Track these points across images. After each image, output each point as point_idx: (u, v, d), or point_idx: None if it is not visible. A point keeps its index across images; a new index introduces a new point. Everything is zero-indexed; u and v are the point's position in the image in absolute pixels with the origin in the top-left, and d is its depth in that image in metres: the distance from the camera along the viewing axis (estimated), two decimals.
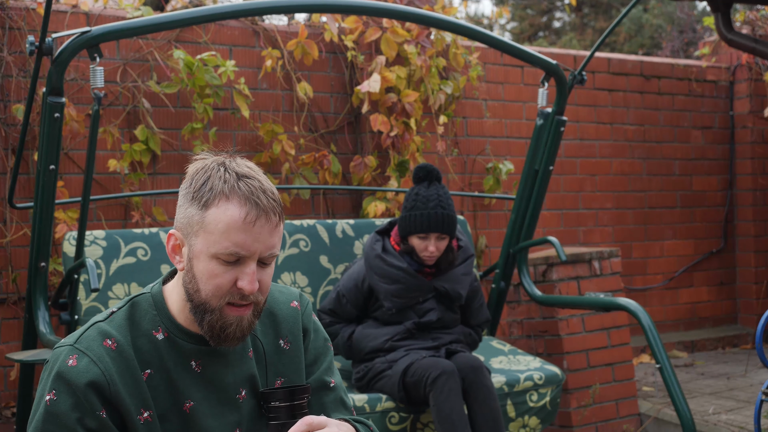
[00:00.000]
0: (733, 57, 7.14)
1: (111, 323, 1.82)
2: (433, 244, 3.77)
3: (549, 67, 4.04)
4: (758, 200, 7.06)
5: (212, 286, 1.77)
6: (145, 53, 4.74)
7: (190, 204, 1.78)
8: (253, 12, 3.53)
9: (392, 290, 3.77)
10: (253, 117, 5.03)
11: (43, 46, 3.12)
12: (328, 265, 4.16)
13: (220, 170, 1.78)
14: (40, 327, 3.48)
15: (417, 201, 3.77)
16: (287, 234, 4.12)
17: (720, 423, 4.82)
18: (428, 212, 3.73)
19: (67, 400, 1.73)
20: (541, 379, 3.95)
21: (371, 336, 3.79)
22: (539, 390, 3.94)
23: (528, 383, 3.91)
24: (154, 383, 1.80)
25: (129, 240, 3.85)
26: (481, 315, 4.01)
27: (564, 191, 6.37)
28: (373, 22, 5.16)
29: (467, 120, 5.88)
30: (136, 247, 3.84)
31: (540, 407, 3.94)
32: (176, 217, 1.83)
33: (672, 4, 14.02)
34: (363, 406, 3.56)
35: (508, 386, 3.87)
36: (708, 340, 6.77)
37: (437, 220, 3.73)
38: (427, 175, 3.83)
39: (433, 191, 3.78)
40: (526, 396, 3.90)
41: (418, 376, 3.57)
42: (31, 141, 4.43)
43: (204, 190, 1.77)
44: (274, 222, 1.78)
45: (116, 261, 3.80)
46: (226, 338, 1.81)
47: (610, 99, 6.61)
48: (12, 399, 4.39)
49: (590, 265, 5.15)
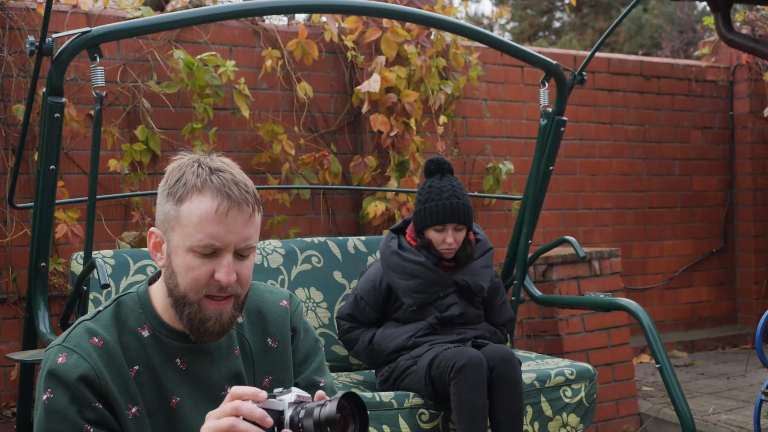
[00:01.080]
0: (733, 57, 7.14)
1: (97, 322, 1.85)
2: (450, 236, 3.66)
3: (549, 67, 4.04)
4: (758, 200, 7.06)
5: (190, 279, 1.80)
6: (145, 53, 4.75)
7: (166, 200, 1.82)
8: (253, 12, 3.53)
9: (412, 286, 3.65)
10: (253, 117, 5.03)
11: (43, 46, 3.11)
12: (343, 281, 4.08)
13: (194, 166, 1.83)
14: (40, 327, 3.47)
15: (431, 193, 3.68)
16: (299, 251, 4.06)
17: (720, 423, 4.82)
18: (443, 203, 3.65)
19: (63, 396, 1.76)
20: (573, 374, 3.82)
21: (393, 335, 3.66)
22: (572, 386, 3.81)
23: (560, 378, 3.79)
24: (142, 380, 1.83)
25: (137, 258, 3.83)
26: (505, 313, 3.88)
27: (564, 191, 6.37)
28: (373, 22, 5.16)
29: (467, 120, 5.88)
30: (145, 265, 3.83)
31: (576, 403, 3.81)
32: (156, 215, 1.87)
33: (672, 4, 14.03)
34: (390, 401, 3.42)
35: (539, 382, 3.73)
36: (708, 340, 6.77)
37: (453, 210, 3.64)
38: (438, 168, 3.75)
39: (447, 182, 3.70)
40: (559, 392, 3.78)
41: (443, 367, 3.41)
42: (31, 141, 4.43)
43: (178, 185, 1.81)
44: (247, 213, 1.81)
45: (125, 279, 3.78)
46: (205, 332, 1.83)
47: (610, 99, 6.61)
48: (12, 399, 4.39)
49: (590, 265, 5.15)
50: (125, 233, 4.63)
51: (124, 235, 4.63)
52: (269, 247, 4.08)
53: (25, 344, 3.67)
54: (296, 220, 5.18)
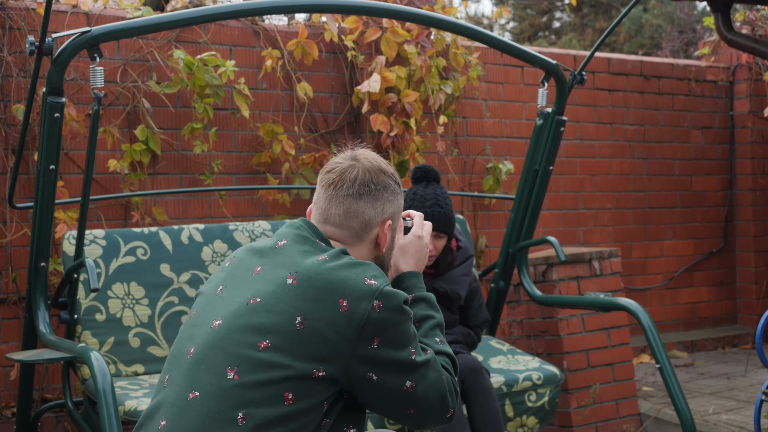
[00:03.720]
0: (733, 57, 7.14)
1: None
2: (431, 243, 3.76)
3: (549, 67, 4.04)
4: (758, 200, 7.06)
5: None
6: (145, 53, 4.74)
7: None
8: (253, 12, 3.53)
9: None
10: (253, 117, 5.03)
11: (43, 46, 3.11)
12: None
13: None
14: (40, 327, 3.48)
15: (414, 200, 3.77)
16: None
17: (720, 423, 4.82)
18: (425, 211, 3.71)
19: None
20: (540, 379, 3.94)
21: None
22: (538, 390, 3.94)
23: (526, 383, 3.91)
24: None
25: (128, 239, 3.86)
26: (481, 315, 4.00)
27: (564, 191, 6.37)
28: (373, 22, 5.16)
29: (467, 120, 5.88)
30: (135, 247, 3.86)
31: (538, 407, 3.94)
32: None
33: (672, 4, 14.02)
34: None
35: (506, 386, 3.86)
36: (708, 340, 6.77)
37: (435, 218, 3.72)
38: (425, 176, 3.84)
39: (431, 191, 3.79)
40: (524, 396, 3.90)
41: None
42: (31, 141, 4.43)
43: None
44: None
45: (116, 260, 3.81)
46: None
47: (610, 99, 6.61)
48: (12, 399, 4.39)
49: (590, 265, 5.15)
50: None
51: None
52: (258, 229, 4.16)
53: (25, 344, 3.67)
54: None
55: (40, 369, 4.41)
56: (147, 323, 3.81)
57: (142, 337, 3.80)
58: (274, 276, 2.10)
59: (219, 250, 4.02)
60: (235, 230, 4.10)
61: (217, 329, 2.09)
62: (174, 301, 3.88)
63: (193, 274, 3.94)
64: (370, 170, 2.22)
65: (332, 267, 2.07)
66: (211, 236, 4.04)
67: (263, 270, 2.13)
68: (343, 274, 2.06)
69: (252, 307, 2.07)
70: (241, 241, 4.08)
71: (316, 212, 2.25)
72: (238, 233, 4.10)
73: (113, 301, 3.77)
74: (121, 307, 3.78)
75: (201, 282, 3.95)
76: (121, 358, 3.75)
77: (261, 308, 2.06)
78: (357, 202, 2.20)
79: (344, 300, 2.03)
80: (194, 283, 3.93)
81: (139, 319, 3.81)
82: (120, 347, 3.76)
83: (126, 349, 3.76)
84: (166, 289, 3.88)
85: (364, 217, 2.21)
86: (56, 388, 4.50)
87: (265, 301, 2.06)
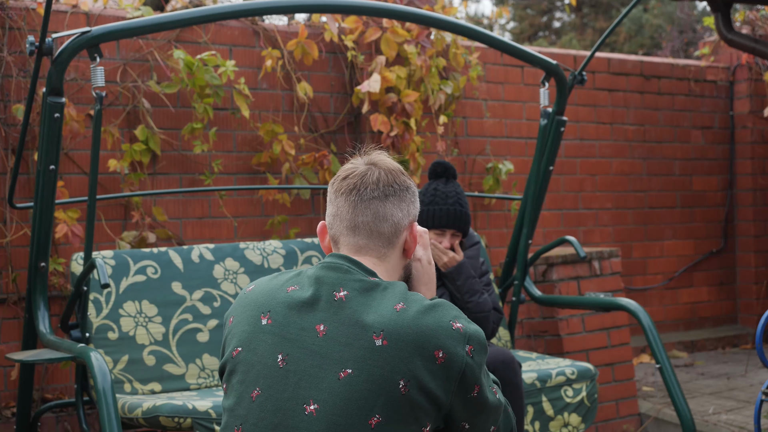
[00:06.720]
0: (733, 57, 7.14)
1: None
2: (447, 240, 3.76)
3: (549, 67, 4.04)
4: (758, 200, 7.06)
5: None
6: (145, 53, 4.74)
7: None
8: (253, 12, 3.53)
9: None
10: (253, 117, 5.03)
11: (43, 46, 3.11)
12: None
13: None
14: (40, 327, 3.47)
15: (436, 196, 3.75)
16: (299, 251, 4.13)
17: (720, 423, 4.82)
18: (448, 208, 3.72)
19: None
20: (574, 374, 3.86)
21: None
22: (573, 385, 3.86)
23: (560, 378, 3.83)
24: None
25: (138, 259, 3.83)
26: (494, 300, 3.92)
27: (564, 191, 6.37)
28: (373, 22, 5.16)
29: (467, 120, 5.88)
30: (145, 266, 3.82)
31: (578, 403, 3.85)
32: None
33: (672, 4, 14.03)
34: None
35: (540, 381, 3.78)
36: (708, 340, 6.77)
37: (456, 217, 3.72)
38: (444, 172, 3.84)
39: (452, 188, 3.78)
40: (560, 391, 3.83)
41: None
42: (31, 141, 4.43)
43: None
44: None
45: (125, 279, 3.77)
46: None
47: (610, 99, 6.61)
48: (12, 399, 4.39)
49: (590, 265, 5.15)
50: (125, 233, 4.64)
51: (124, 235, 4.63)
52: (269, 247, 4.09)
53: (25, 344, 3.67)
54: (296, 220, 5.18)
55: (40, 369, 4.41)
56: (161, 341, 3.75)
57: (157, 355, 3.73)
58: (352, 337, 1.89)
59: (231, 268, 3.97)
60: (246, 249, 4.05)
61: (318, 418, 1.86)
62: (188, 318, 3.83)
63: (206, 291, 3.89)
64: (390, 171, 2.08)
65: (415, 315, 1.89)
66: (222, 255, 3.99)
67: (330, 331, 1.91)
68: (428, 322, 1.89)
69: (346, 381, 1.85)
70: (252, 259, 4.03)
71: (339, 225, 2.05)
72: (249, 251, 4.04)
73: (125, 319, 3.72)
74: (133, 325, 3.72)
75: (215, 299, 3.89)
76: (137, 376, 3.68)
77: (356, 381, 1.85)
78: (384, 204, 2.04)
79: (440, 351, 1.87)
80: (207, 301, 3.88)
81: (153, 337, 3.74)
82: (135, 365, 3.68)
83: (141, 368, 3.69)
84: (179, 307, 3.83)
85: (393, 219, 2.04)
86: (56, 388, 4.50)
87: (358, 371, 1.85)
